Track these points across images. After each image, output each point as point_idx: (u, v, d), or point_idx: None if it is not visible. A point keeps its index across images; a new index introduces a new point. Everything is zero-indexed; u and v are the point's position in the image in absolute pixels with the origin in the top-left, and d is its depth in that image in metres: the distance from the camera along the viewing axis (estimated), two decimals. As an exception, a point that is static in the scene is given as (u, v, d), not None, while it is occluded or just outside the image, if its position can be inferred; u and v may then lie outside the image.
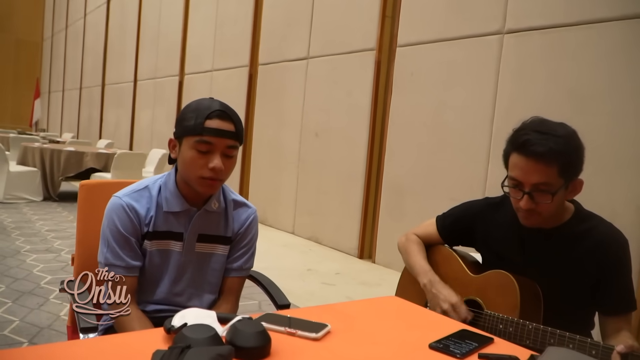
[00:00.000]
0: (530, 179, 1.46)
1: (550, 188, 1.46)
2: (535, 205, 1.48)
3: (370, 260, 5.36)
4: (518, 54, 4.07)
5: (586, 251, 1.51)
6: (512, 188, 1.53)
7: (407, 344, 1.17)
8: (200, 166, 1.42)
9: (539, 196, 1.47)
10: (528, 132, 1.47)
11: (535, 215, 1.50)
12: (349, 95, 5.73)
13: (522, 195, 1.49)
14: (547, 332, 1.37)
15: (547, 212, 1.49)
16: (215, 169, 1.41)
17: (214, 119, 1.41)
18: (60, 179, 7.69)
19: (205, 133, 1.40)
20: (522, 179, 1.48)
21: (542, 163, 1.44)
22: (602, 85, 3.53)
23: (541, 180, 1.45)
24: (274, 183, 6.89)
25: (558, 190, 1.46)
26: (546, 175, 1.44)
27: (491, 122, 4.19)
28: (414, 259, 1.80)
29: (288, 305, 1.65)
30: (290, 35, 6.68)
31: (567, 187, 1.49)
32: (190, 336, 0.96)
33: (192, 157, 1.42)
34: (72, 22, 17.00)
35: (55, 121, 18.67)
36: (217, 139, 1.41)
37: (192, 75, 9.26)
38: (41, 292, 3.63)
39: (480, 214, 1.74)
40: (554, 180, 1.45)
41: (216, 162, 1.41)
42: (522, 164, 1.47)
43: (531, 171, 1.45)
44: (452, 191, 4.49)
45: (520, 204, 1.50)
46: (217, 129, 1.41)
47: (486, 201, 1.77)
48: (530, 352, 1.13)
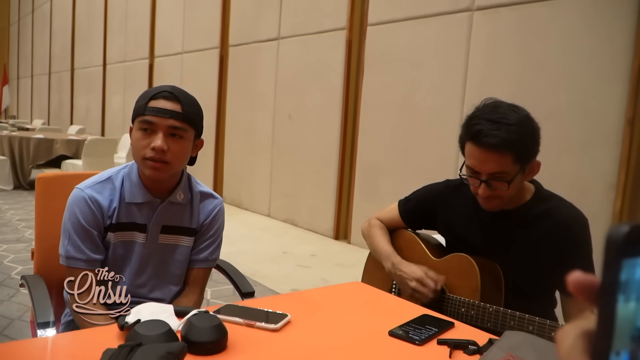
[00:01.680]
0: (486, 168, 1.46)
1: (506, 176, 1.46)
2: (492, 192, 1.48)
3: (346, 241, 5.38)
4: (488, 31, 4.06)
5: (545, 232, 1.52)
6: (470, 176, 1.52)
7: (367, 331, 1.17)
8: (142, 147, 1.39)
9: (495, 183, 1.47)
10: (480, 122, 1.45)
11: (494, 199, 1.51)
12: (321, 76, 5.69)
13: (479, 183, 1.49)
14: (507, 314, 1.38)
15: (505, 195, 1.50)
16: (156, 148, 1.37)
17: (159, 99, 1.39)
18: (31, 167, 7.54)
19: (147, 112, 1.38)
20: (478, 168, 1.48)
21: (496, 153, 1.43)
22: (572, 62, 3.54)
23: (496, 170, 1.45)
24: (248, 166, 6.85)
25: (514, 177, 1.46)
26: (501, 165, 1.44)
27: (462, 100, 4.19)
28: (377, 244, 1.80)
29: (252, 293, 1.64)
30: (260, 15, 6.59)
31: (524, 171, 1.49)
32: (143, 333, 0.94)
33: (137, 137, 1.41)
34: (39, 6, 16.52)
35: (25, 107, 18.25)
36: (159, 118, 1.38)
37: (162, 58, 9.10)
38: (12, 282, 3.58)
39: (441, 197, 1.74)
40: (510, 168, 1.45)
41: (158, 142, 1.37)
42: (477, 154, 1.46)
43: (486, 161, 1.45)
44: (426, 171, 4.50)
45: (479, 192, 1.50)
46: (159, 108, 1.38)
47: (446, 184, 1.77)
48: (489, 336, 1.14)
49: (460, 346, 1.08)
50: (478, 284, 1.49)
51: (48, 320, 1.25)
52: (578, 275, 0.36)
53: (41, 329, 1.25)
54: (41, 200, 1.72)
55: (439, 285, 1.56)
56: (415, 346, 1.09)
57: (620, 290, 0.32)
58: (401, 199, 1.86)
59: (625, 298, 0.32)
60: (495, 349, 0.98)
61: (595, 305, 0.34)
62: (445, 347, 1.10)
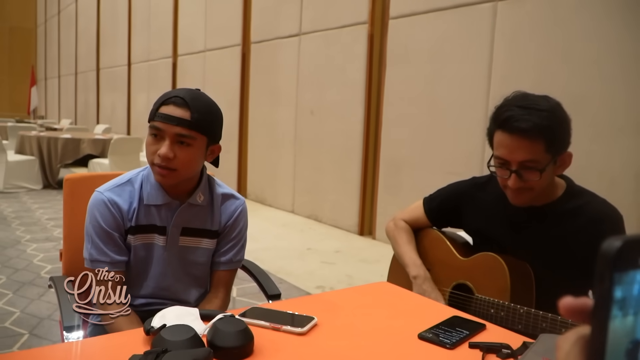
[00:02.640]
0: (516, 156, 1.41)
1: (537, 165, 1.40)
2: (523, 183, 1.43)
3: (371, 237, 5.35)
4: (512, 21, 3.98)
5: (578, 228, 1.46)
6: (499, 167, 1.47)
7: (396, 334, 1.14)
8: (151, 152, 1.39)
9: (526, 174, 1.42)
10: (510, 108, 1.41)
11: (525, 192, 1.45)
12: (342, 70, 5.65)
13: (509, 174, 1.44)
14: (538, 315, 1.34)
15: (536, 187, 1.44)
16: (161, 155, 1.35)
17: (169, 105, 1.37)
18: (59, 166, 7.66)
19: (156, 118, 1.37)
20: (508, 157, 1.42)
21: (527, 139, 1.38)
22: (598, 50, 3.45)
23: (528, 158, 1.40)
24: (271, 162, 6.85)
25: (546, 167, 1.41)
26: (532, 152, 1.39)
27: (487, 92, 4.12)
28: (403, 249, 1.76)
29: (279, 295, 1.62)
30: (281, 11, 6.57)
31: (555, 162, 1.44)
32: (168, 339, 0.93)
33: (147, 142, 1.40)
34: (64, 7, 16.77)
35: (53, 108, 18.57)
36: (165, 124, 1.36)
37: (185, 57, 9.15)
38: (41, 282, 3.63)
39: (467, 194, 1.70)
40: (541, 157, 1.40)
41: (163, 150, 1.35)
42: (507, 142, 1.41)
43: (516, 148, 1.40)
44: (450, 165, 4.44)
45: (508, 183, 1.45)
46: (167, 115, 1.36)
47: (473, 181, 1.72)
48: (523, 339, 1.10)
49: (493, 350, 1.05)
50: (507, 284, 1.45)
51: (74, 323, 1.25)
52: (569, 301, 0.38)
53: (67, 332, 1.26)
54: (69, 201, 1.73)
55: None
56: (446, 350, 1.07)
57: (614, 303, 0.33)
58: (426, 196, 1.82)
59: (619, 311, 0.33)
60: (530, 354, 0.94)
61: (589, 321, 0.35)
62: (477, 350, 1.06)
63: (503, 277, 1.46)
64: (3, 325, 2.89)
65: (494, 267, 1.50)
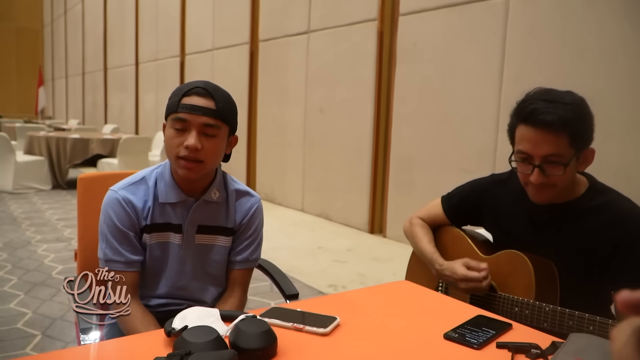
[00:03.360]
0: (540, 150, 1.38)
1: (561, 159, 1.37)
2: (546, 178, 1.40)
3: (382, 235, 5.32)
4: (525, 17, 3.94)
5: (602, 225, 1.42)
6: (521, 162, 1.44)
7: (420, 334, 1.12)
8: (176, 145, 1.36)
9: (550, 168, 1.38)
10: (534, 102, 1.38)
11: (547, 189, 1.42)
12: (352, 68, 5.62)
13: (532, 169, 1.40)
14: (565, 313, 1.31)
15: (559, 183, 1.41)
16: (189, 147, 1.33)
17: (192, 96, 1.35)
18: (68, 166, 7.68)
19: (180, 109, 1.34)
20: (531, 151, 1.39)
21: (552, 132, 1.35)
22: (612, 45, 3.41)
23: (551, 151, 1.37)
24: (280, 161, 6.83)
25: (570, 161, 1.37)
26: (556, 146, 1.36)
27: (499, 89, 4.08)
28: (420, 245, 1.73)
29: (297, 295, 1.60)
30: (289, 9, 6.55)
31: (578, 158, 1.40)
32: (191, 340, 0.91)
33: (170, 136, 1.37)
34: (71, 7, 16.82)
35: (60, 108, 18.64)
36: (192, 115, 1.34)
37: (193, 55, 9.15)
38: (53, 282, 3.63)
39: (487, 191, 1.67)
40: (565, 151, 1.37)
41: (191, 141, 1.33)
42: (530, 136, 1.38)
43: (540, 142, 1.37)
44: (462, 162, 4.41)
45: (531, 179, 1.41)
46: (192, 105, 1.34)
47: (492, 178, 1.69)
48: (552, 339, 1.08)
49: (521, 350, 1.02)
50: (532, 282, 1.42)
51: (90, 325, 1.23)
52: (626, 295, 0.38)
53: (84, 334, 1.24)
54: (83, 201, 1.71)
55: (482, 269, 1.49)
56: (474, 350, 1.04)
57: None
58: (444, 194, 1.79)
59: None
60: (562, 354, 0.92)
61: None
62: (505, 350, 1.04)
63: (528, 275, 1.43)
64: (16, 327, 2.89)
65: (518, 265, 1.47)
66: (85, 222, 1.71)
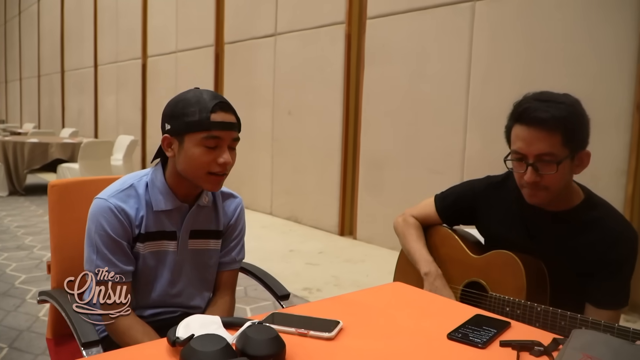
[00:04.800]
0: (533, 149, 1.40)
1: (554, 158, 1.39)
2: (540, 178, 1.41)
3: (352, 237, 5.33)
4: (491, 20, 4.02)
5: (592, 242, 1.45)
6: (516, 162, 1.46)
7: (423, 335, 1.12)
8: (208, 162, 1.33)
9: (543, 167, 1.40)
10: (529, 101, 1.41)
11: (541, 190, 1.44)
12: (320, 70, 5.62)
13: (525, 168, 1.42)
14: (557, 313, 1.32)
15: (553, 185, 1.42)
16: (227, 164, 1.34)
17: (218, 112, 1.32)
18: (26, 172, 7.43)
19: (213, 128, 1.31)
20: (525, 150, 1.41)
21: (545, 130, 1.37)
22: (577, 48, 3.51)
23: (545, 150, 1.39)
24: (248, 164, 6.77)
25: (563, 160, 1.39)
26: (549, 144, 1.38)
27: (467, 90, 4.15)
28: (412, 245, 1.73)
29: (288, 295, 1.59)
30: (256, 11, 6.51)
31: (572, 158, 1.42)
32: (200, 349, 0.88)
33: (200, 154, 1.32)
34: (26, 8, 16.29)
35: (14, 111, 18.02)
36: (225, 132, 1.33)
37: (156, 57, 8.99)
38: (16, 292, 3.50)
39: (482, 193, 1.68)
40: (558, 150, 1.39)
41: (226, 157, 1.33)
42: (525, 134, 1.41)
43: (534, 140, 1.39)
44: (431, 163, 4.46)
45: (525, 177, 1.43)
46: (224, 122, 1.33)
47: (487, 180, 1.71)
48: (551, 336, 1.09)
49: (525, 347, 1.04)
50: (524, 282, 1.44)
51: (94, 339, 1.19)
52: None
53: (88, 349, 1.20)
54: (56, 209, 1.62)
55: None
56: (479, 349, 1.04)
57: None
58: (437, 194, 1.80)
59: None
60: (569, 350, 0.93)
61: None
62: (509, 349, 1.05)
63: (519, 275, 1.45)
64: (-19, 339, 2.77)
65: (509, 265, 1.49)
66: (59, 232, 1.62)
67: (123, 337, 1.30)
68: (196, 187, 1.42)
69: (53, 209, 1.62)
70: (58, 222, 1.62)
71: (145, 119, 9.41)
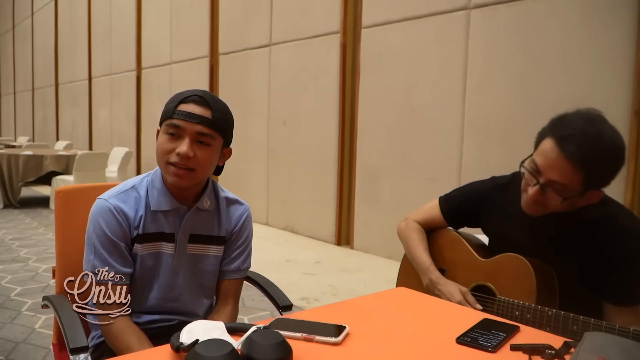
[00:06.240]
0: (552, 174, 1.36)
1: (565, 192, 1.36)
2: (542, 199, 1.40)
3: (349, 247, 5.31)
4: (486, 28, 4.03)
5: (602, 240, 1.42)
6: (529, 172, 1.43)
7: (432, 339, 1.10)
8: (167, 151, 1.32)
9: (550, 193, 1.38)
10: (575, 127, 1.34)
11: (539, 206, 1.42)
12: (315, 80, 5.62)
13: (535, 182, 1.40)
14: (569, 318, 1.30)
15: (553, 208, 1.41)
16: (181, 154, 1.30)
17: (189, 103, 1.32)
18: (20, 184, 7.37)
19: (175, 116, 1.31)
20: (544, 169, 1.38)
21: (572, 164, 1.32)
22: (573, 56, 3.52)
23: (561, 181, 1.35)
24: (243, 174, 6.75)
25: (572, 196, 1.37)
26: (569, 178, 1.34)
27: (463, 98, 4.15)
28: (415, 252, 1.71)
29: (290, 306, 1.56)
30: (250, 22, 6.52)
31: (583, 195, 1.39)
32: (206, 354, 0.86)
33: (162, 141, 1.34)
34: (19, 22, 16.29)
35: (8, 125, 17.96)
36: (186, 122, 1.31)
37: (150, 70, 8.98)
38: (12, 304, 3.45)
39: (487, 195, 1.66)
40: (574, 186, 1.35)
41: (182, 147, 1.30)
42: (551, 155, 1.36)
43: (556, 167, 1.35)
44: (428, 171, 4.45)
45: (529, 192, 1.41)
46: (188, 112, 1.31)
47: (493, 182, 1.69)
48: (561, 339, 1.07)
49: (536, 351, 1.02)
50: (534, 286, 1.41)
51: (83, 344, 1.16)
52: None
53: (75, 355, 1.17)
54: (61, 215, 1.61)
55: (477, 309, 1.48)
56: (489, 353, 1.02)
57: None
58: (441, 196, 1.78)
59: None
60: (582, 352, 0.91)
61: None
62: (519, 352, 1.03)
63: (529, 279, 1.43)
64: (-24, 352, 2.73)
65: (519, 269, 1.46)
66: (64, 237, 1.61)
67: (116, 340, 1.27)
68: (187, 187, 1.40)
69: (58, 214, 1.62)
70: (63, 228, 1.62)
71: (139, 131, 9.38)
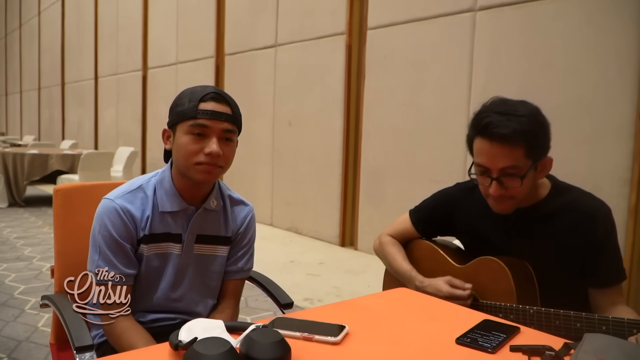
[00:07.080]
0: (497, 163, 1.39)
1: (518, 171, 1.39)
2: (505, 190, 1.41)
3: (353, 248, 5.30)
4: (492, 30, 4.03)
5: (569, 226, 1.45)
6: (480, 175, 1.45)
7: (432, 340, 1.10)
8: (195, 152, 1.31)
9: (508, 181, 1.40)
10: (489, 114, 1.39)
11: (507, 200, 1.44)
12: (320, 81, 5.63)
13: (490, 182, 1.42)
14: (550, 314, 1.32)
15: (518, 195, 1.43)
16: (212, 153, 1.30)
17: (209, 101, 1.32)
18: (25, 183, 7.41)
19: (199, 116, 1.30)
20: (489, 164, 1.41)
21: (508, 145, 1.36)
22: (578, 58, 3.51)
23: (508, 164, 1.38)
24: (249, 175, 6.76)
25: (527, 173, 1.39)
26: (513, 158, 1.38)
27: (468, 100, 4.15)
28: (394, 264, 1.72)
29: (291, 303, 1.56)
30: (256, 23, 6.53)
31: (536, 168, 1.42)
32: (204, 352, 0.86)
33: (187, 142, 1.32)
34: (26, 21, 16.38)
35: (14, 124, 18.05)
36: (213, 121, 1.31)
37: (156, 69, 9.01)
38: (15, 303, 3.46)
39: (455, 200, 1.67)
40: (522, 163, 1.38)
41: (213, 147, 1.30)
42: (487, 149, 1.39)
43: (497, 155, 1.38)
44: (432, 173, 4.45)
45: (490, 191, 1.43)
46: (213, 111, 1.31)
47: (458, 187, 1.70)
48: (562, 341, 1.07)
49: (536, 352, 1.01)
50: (512, 285, 1.42)
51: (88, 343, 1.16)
52: None
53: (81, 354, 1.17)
54: (60, 214, 1.61)
55: (467, 289, 1.50)
56: (489, 354, 1.02)
57: None
58: (411, 208, 1.79)
59: None
60: (582, 354, 0.91)
61: None
62: (519, 354, 1.02)
63: (506, 279, 1.44)
64: (-22, 350, 2.74)
65: (495, 271, 1.47)
66: (63, 236, 1.62)
67: (119, 339, 1.27)
68: (199, 187, 1.40)
69: (57, 214, 1.62)
70: (62, 227, 1.62)
71: (145, 130, 9.41)
